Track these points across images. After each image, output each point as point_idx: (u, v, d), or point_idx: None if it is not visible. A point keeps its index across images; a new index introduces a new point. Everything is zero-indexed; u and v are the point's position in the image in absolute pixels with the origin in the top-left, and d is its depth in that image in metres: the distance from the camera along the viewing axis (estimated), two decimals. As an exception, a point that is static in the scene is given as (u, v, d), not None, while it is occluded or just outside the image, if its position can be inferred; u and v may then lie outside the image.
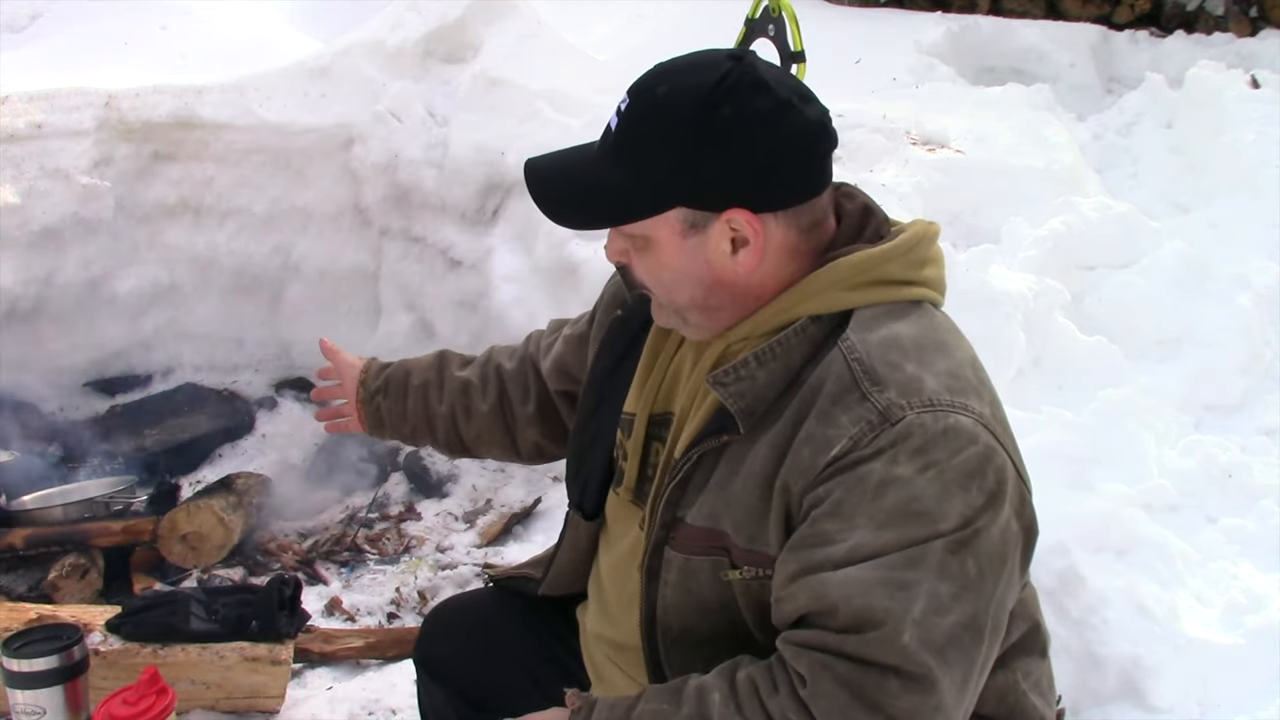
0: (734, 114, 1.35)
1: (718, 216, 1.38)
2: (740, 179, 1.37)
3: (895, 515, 1.29)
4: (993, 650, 1.35)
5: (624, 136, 1.40)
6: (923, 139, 4.20)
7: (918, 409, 1.31)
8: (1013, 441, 1.40)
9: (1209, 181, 4.31)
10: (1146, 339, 3.50)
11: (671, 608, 1.48)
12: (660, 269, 1.43)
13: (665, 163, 1.37)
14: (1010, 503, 1.34)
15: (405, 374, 2.01)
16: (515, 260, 4.07)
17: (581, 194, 1.43)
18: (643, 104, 1.39)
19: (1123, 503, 2.77)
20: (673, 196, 1.38)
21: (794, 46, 3.78)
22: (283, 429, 4.21)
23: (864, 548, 1.29)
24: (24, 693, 2.20)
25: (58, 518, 3.35)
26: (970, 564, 1.29)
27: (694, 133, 1.35)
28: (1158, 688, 2.47)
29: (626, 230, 1.43)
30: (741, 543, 1.40)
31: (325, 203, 4.35)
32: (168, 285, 4.31)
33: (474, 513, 3.76)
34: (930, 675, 1.27)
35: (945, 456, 1.30)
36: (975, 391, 1.37)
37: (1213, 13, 6.50)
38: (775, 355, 1.39)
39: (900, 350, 1.36)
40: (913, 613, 1.26)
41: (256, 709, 2.70)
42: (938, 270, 1.50)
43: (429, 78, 4.40)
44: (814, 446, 1.33)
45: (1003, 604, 1.35)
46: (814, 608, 1.31)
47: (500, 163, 4.12)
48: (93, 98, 4.05)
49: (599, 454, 1.67)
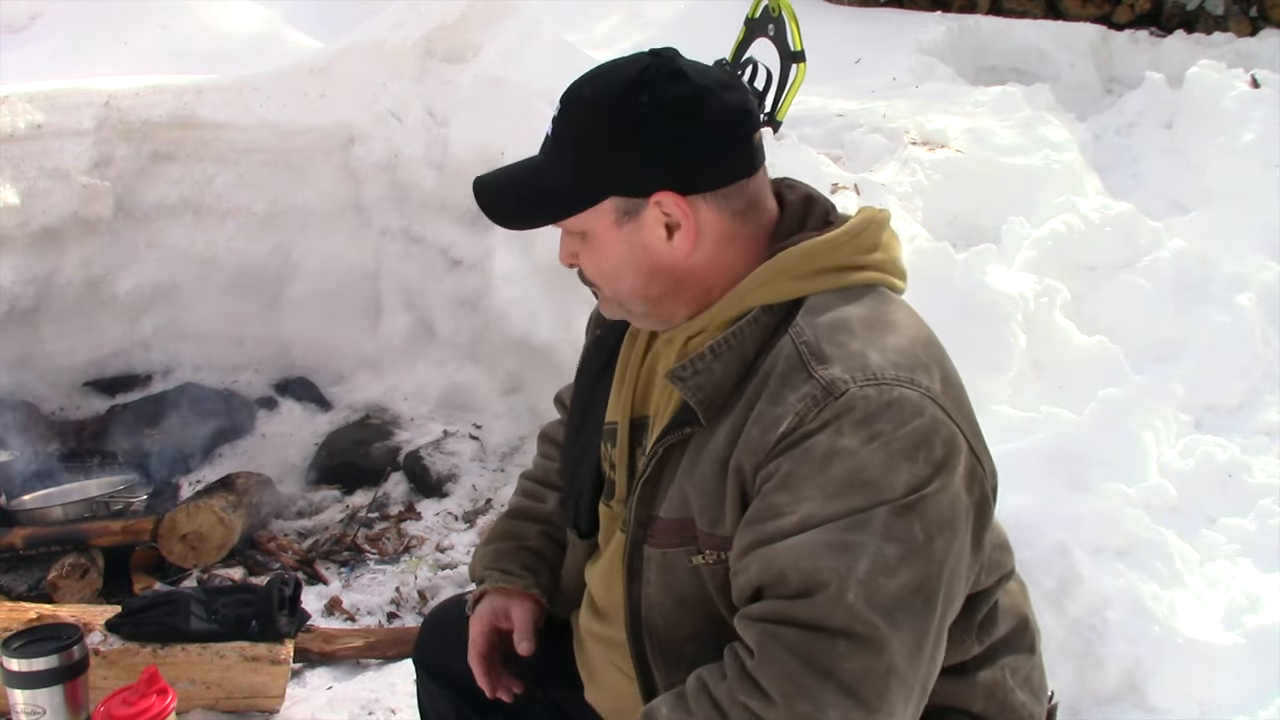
0: (652, 100, 1.41)
1: (647, 201, 1.43)
2: (662, 162, 1.42)
3: (842, 485, 1.30)
4: (946, 622, 1.35)
5: (557, 138, 1.47)
6: (923, 139, 4.20)
7: (861, 383, 1.33)
8: (969, 419, 1.41)
9: (1209, 181, 4.31)
10: (1146, 339, 3.49)
11: (655, 605, 1.50)
12: (601, 260, 1.49)
13: (593, 156, 1.44)
14: (960, 475, 1.35)
15: (521, 549, 1.84)
16: (515, 260, 4.06)
17: (521, 198, 1.51)
18: (571, 106, 1.46)
19: (1123, 503, 2.77)
20: (603, 187, 1.44)
21: (794, 46, 3.77)
22: (283, 429, 4.22)
23: (812, 517, 1.30)
24: (24, 692, 2.20)
25: (58, 518, 3.35)
26: (917, 527, 1.30)
27: (616, 123, 1.42)
28: (1158, 688, 2.47)
29: (568, 227, 1.49)
30: (704, 527, 1.42)
31: (325, 202, 4.35)
32: (168, 285, 4.30)
33: (474, 513, 3.77)
34: (878, 635, 1.27)
35: (890, 428, 1.31)
36: (924, 368, 1.38)
37: (1213, 12, 6.51)
38: (730, 347, 1.43)
39: (847, 330, 1.38)
40: (856, 572, 1.27)
41: (256, 709, 2.70)
42: (890, 255, 1.51)
43: (429, 78, 4.40)
44: (763, 425, 1.36)
45: (955, 574, 1.35)
46: (766, 578, 1.32)
47: (500, 163, 4.08)
48: (93, 98, 4.05)
49: (587, 468, 1.68)
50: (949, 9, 6.55)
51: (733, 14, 4.31)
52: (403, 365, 4.41)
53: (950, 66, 5.61)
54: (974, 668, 1.51)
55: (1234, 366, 3.42)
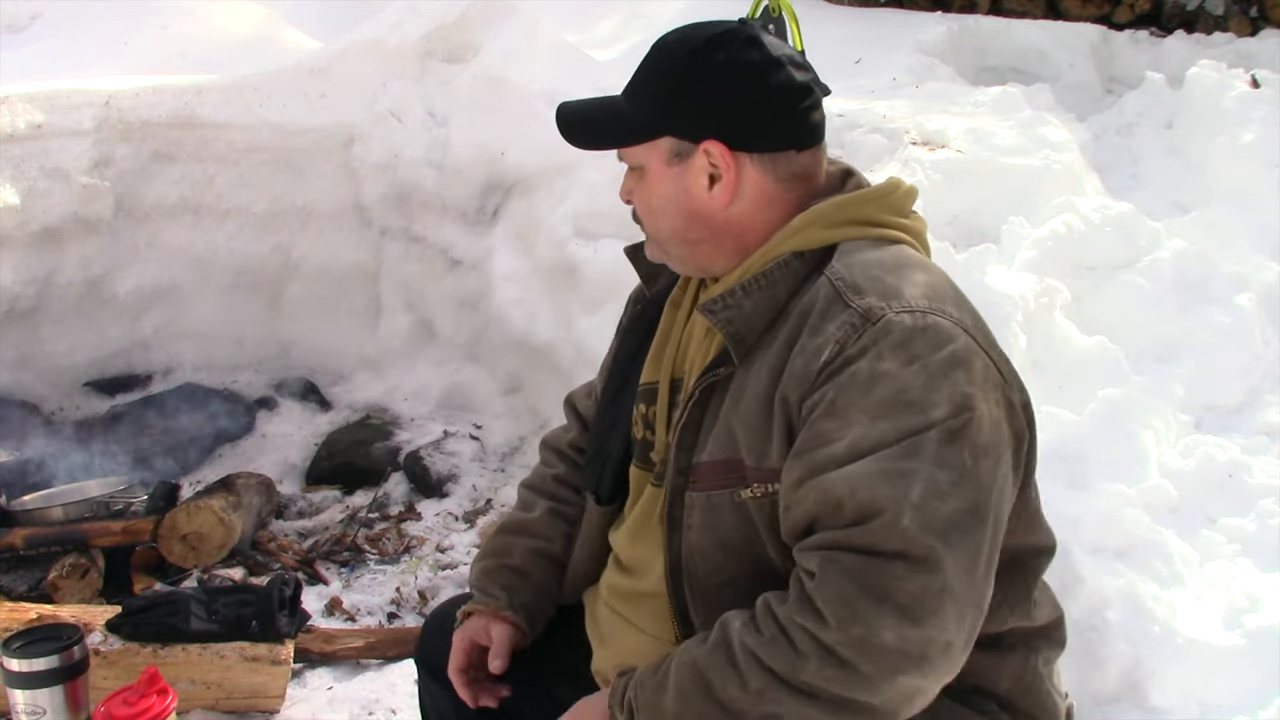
0: (725, 59, 1.52)
1: (697, 147, 1.53)
2: (718, 115, 1.52)
3: (887, 407, 1.35)
4: (997, 542, 1.38)
5: (636, 76, 1.59)
6: (923, 139, 4.20)
7: (896, 310, 1.40)
8: (1000, 353, 1.47)
9: (1209, 181, 4.31)
10: (1146, 339, 3.49)
11: (697, 552, 1.53)
12: (651, 197, 1.58)
13: (659, 95, 1.55)
14: (995, 400, 1.40)
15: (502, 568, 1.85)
16: (515, 260, 4.07)
17: (591, 122, 1.63)
18: (655, 50, 1.59)
19: (1123, 503, 2.77)
20: (663, 125, 1.54)
21: (794, 46, 3.78)
22: (283, 429, 4.22)
23: (862, 442, 1.35)
24: (24, 692, 2.21)
25: (58, 518, 3.35)
26: (965, 453, 1.35)
27: (686, 70, 1.53)
28: (1158, 688, 2.47)
29: (629, 158, 1.60)
30: (752, 462, 1.46)
31: (325, 202, 4.35)
32: (167, 285, 4.31)
33: (474, 513, 3.77)
34: (934, 555, 1.30)
35: (927, 351, 1.38)
36: (954, 302, 1.46)
37: (1213, 12, 6.51)
38: (760, 286, 1.50)
39: (881, 267, 1.47)
40: (911, 497, 1.31)
41: (256, 709, 2.70)
42: (918, 225, 1.60)
43: (429, 78, 4.40)
44: (806, 356, 1.42)
45: (1002, 496, 1.39)
46: (821, 508, 1.36)
47: (500, 163, 4.12)
48: (93, 98, 4.05)
49: (618, 436, 1.72)
50: (949, 9, 6.54)
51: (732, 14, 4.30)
52: (403, 365, 4.42)
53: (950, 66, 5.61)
54: (1006, 646, 1.53)
55: (1234, 366, 3.42)
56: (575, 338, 3.79)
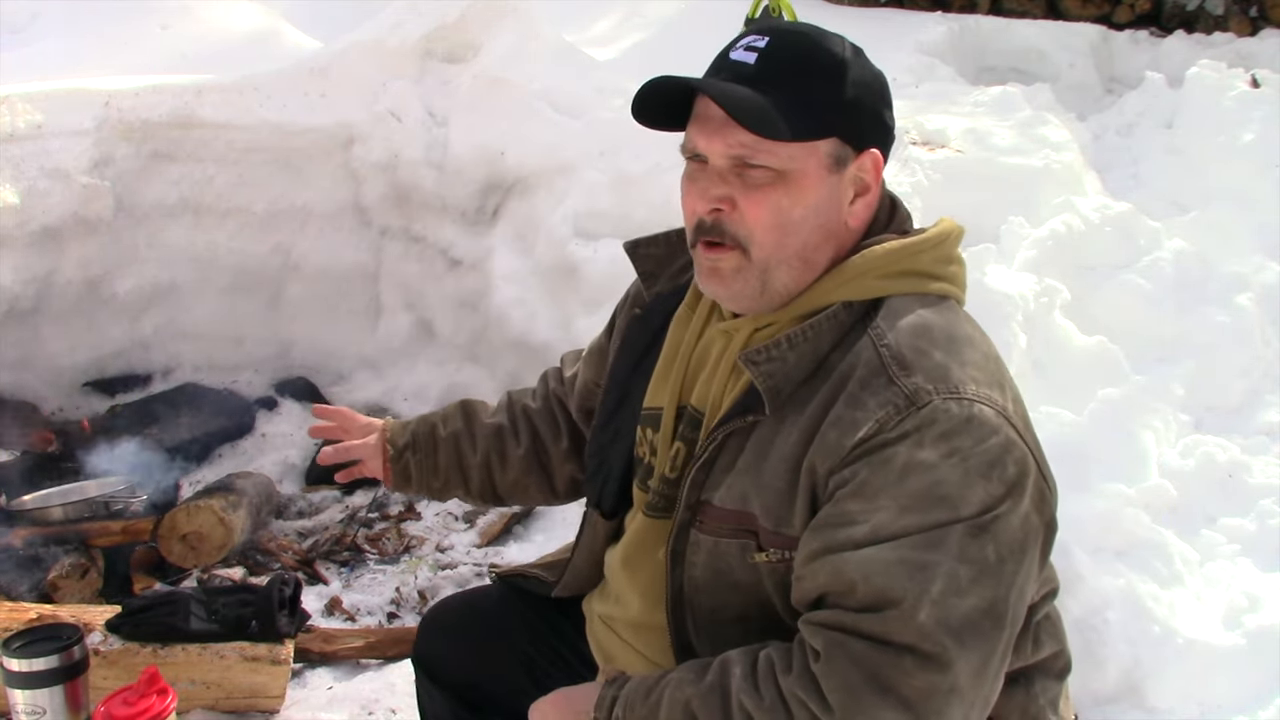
0: (867, 65, 1.48)
1: (856, 156, 1.45)
2: (879, 124, 1.47)
3: (918, 498, 1.31)
4: (1011, 642, 1.35)
5: (784, 68, 1.42)
6: (923, 139, 4.20)
7: (944, 395, 1.34)
8: (1035, 439, 1.42)
9: (1209, 181, 4.31)
10: (1146, 339, 3.49)
11: (702, 588, 1.49)
12: (794, 206, 1.42)
13: (829, 94, 1.43)
14: (1030, 496, 1.35)
15: (431, 427, 1.99)
16: (515, 260, 4.06)
17: (753, 110, 1.39)
18: (795, 43, 1.45)
19: (1123, 503, 2.77)
20: (833, 126, 1.43)
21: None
22: (283, 429, 4.21)
23: (885, 529, 1.31)
24: (24, 692, 2.20)
25: (58, 518, 3.34)
26: (990, 549, 1.31)
27: (851, 73, 1.44)
28: (1158, 688, 2.47)
29: (766, 157, 1.40)
30: (769, 525, 1.42)
31: (325, 202, 4.35)
32: (167, 285, 4.30)
33: (474, 512, 3.76)
34: (945, 655, 1.27)
35: (969, 444, 1.32)
36: (999, 385, 1.40)
37: (1213, 12, 6.51)
38: (806, 338, 1.42)
39: (929, 338, 1.39)
40: (930, 593, 1.27)
41: (256, 709, 2.70)
42: (962, 271, 1.54)
43: (429, 78, 4.39)
44: (841, 429, 1.35)
45: (1022, 594, 1.36)
46: (833, 586, 1.32)
47: (500, 163, 4.12)
48: (93, 98, 4.05)
49: (620, 450, 1.67)
50: (949, 9, 6.55)
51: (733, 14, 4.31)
52: (403, 365, 4.41)
53: (950, 66, 5.61)
54: (1008, 682, 1.49)
55: (1234, 366, 3.42)
56: (575, 338, 3.78)
